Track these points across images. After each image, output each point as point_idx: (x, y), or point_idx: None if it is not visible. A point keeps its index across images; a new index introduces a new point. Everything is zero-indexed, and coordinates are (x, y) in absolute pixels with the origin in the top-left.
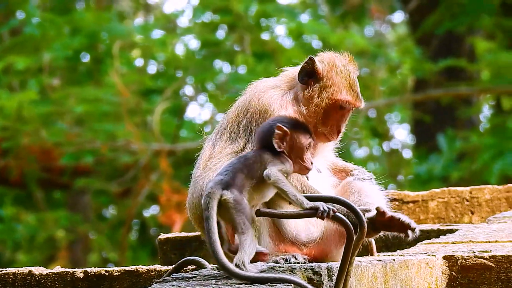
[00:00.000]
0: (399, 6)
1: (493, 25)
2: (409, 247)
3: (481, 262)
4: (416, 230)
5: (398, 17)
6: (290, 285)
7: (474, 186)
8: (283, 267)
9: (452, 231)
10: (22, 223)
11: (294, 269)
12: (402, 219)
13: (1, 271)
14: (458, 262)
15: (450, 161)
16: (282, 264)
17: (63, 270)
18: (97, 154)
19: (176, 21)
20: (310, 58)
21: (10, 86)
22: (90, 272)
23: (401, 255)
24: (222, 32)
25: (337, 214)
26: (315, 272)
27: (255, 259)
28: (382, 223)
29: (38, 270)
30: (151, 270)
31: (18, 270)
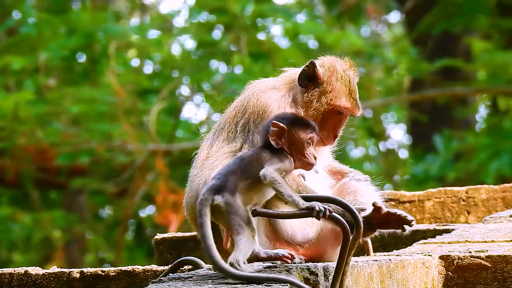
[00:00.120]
0: (395, 6)
1: (489, 25)
2: (405, 247)
3: (477, 262)
4: (412, 222)
5: (394, 17)
6: (287, 285)
7: (470, 186)
8: (280, 267)
9: (448, 231)
10: (18, 223)
11: (290, 269)
12: (398, 213)
13: None
14: (455, 262)
15: (446, 161)
16: (278, 264)
17: (60, 270)
18: (93, 154)
19: (172, 21)
20: (311, 62)
21: (6, 86)
22: (87, 272)
23: (397, 255)
24: (218, 32)
25: (333, 214)
26: (312, 272)
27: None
28: (378, 220)
29: (35, 270)
30: (148, 270)
31: (14, 270)
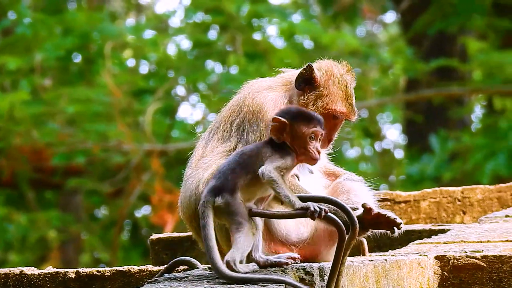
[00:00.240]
0: (391, 6)
1: (484, 25)
2: (401, 247)
3: (472, 262)
4: (401, 226)
5: (390, 17)
6: (282, 285)
7: (466, 186)
8: (275, 267)
9: (444, 231)
10: (13, 223)
11: (285, 269)
12: (388, 215)
13: None
14: (450, 262)
15: (442, 161)
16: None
17: (55, 270)
18: (88, 154)
19: (167, 21)
20: (309, 65)
21: (1, 87)
22: (82, 272)
23: (393, 255)
24: (214, 32)
25: (328, 214)
26: (307, 272)
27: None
28: (369, 221)
29: (30, 270)
30: (143, 271)
31: (10, 271)
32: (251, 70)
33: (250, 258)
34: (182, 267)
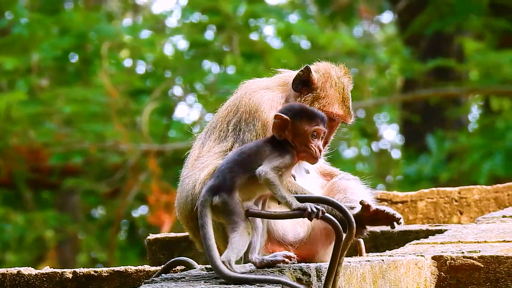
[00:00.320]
0: (388, 6)
1: (481, 25)
2: (398, 248)
3: (470, 262)
4: (400, 220)
5: (387, 17)
6: (279, 285)
7: (463, 187)
8: (272, 267)
9: (441, 232)
10: (10, 223)
11: (282, 269)
12: (387, 211)
13: None
14: (447, 263)
15: (439, 161)
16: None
17: (52, 270)
18: (85, 155)
19: (164, 21)
20: (306, 67)
21: None
22: (79, 272)
23: (390, 256)
24: (210, 32)
25: (326, 214)
26: (304, 272)
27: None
28: (367, 218)
29: (27, 270)
30: (140, 271)
31: (7, 271)
32: (248, 70)
33: (246, 259)
34: (179, 267)
